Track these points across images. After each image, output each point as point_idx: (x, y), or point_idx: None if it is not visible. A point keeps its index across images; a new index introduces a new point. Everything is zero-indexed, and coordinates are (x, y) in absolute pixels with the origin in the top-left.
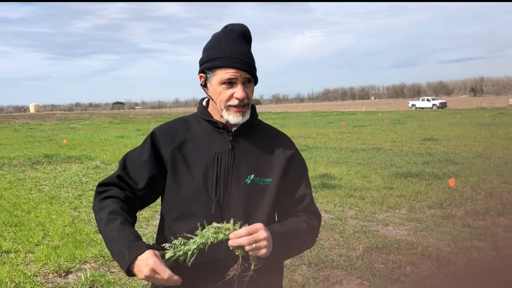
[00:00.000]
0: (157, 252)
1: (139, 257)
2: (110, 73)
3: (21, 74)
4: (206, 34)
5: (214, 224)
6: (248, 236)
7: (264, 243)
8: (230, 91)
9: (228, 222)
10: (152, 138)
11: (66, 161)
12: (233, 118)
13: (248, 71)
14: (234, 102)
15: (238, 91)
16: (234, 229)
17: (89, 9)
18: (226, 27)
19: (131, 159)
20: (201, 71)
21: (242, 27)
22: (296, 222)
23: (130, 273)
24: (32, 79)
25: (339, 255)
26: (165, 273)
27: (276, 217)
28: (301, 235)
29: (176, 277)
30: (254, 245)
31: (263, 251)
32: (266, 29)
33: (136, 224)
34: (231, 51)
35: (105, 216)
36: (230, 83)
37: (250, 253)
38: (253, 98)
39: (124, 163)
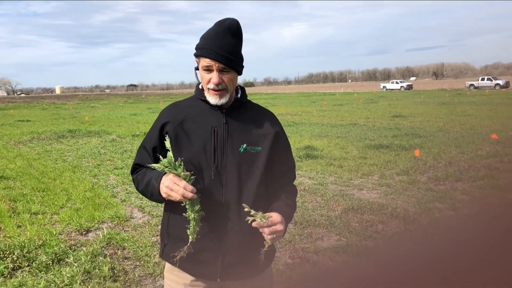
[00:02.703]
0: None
1: (163, 178)
2: (125, 60)
3: (48, 60)
4: (208, 25)
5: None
6: (270, 227)
7: (280, 234)
8: (208, 76)
9: (225, 186)
10: (159, 121)
11: (87, 135)
12: (212, 99)
13: (221, 62)
14: (211, 85)
15: (213, 77)
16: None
17: (108, 4)
18: (220, 20)
19: (143, 147)
20: (195, 56)
21: (230, 22)
22: (291, 203)
23: (161, 196)
24: (58, 65)
25: (320, 215)
26: (181, 182)
27: (266, 184)
28: (291, 215)
29: (191, 187)
30: (274, 235)
31: (278, 239)
32: (260, 22)
33: None
34: (211, 43)
35: (139, 177)
36: (208, 70)
37: (269, 242)
38: (247, 81)
39: (138, 152)
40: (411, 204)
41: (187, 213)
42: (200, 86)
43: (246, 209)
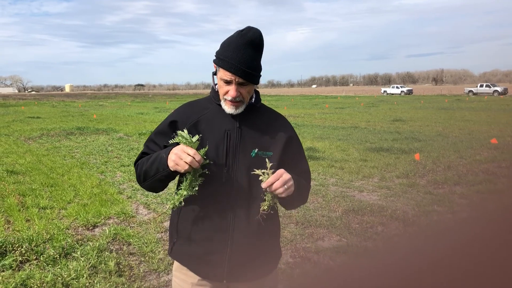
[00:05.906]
0: None
1: (174, 148)
2: (133, 60)
3: (59, 59)
4: (215, 28)
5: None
6: (279, 180)
7: (291, 181)
8: (227, 88)
9: (235, 189)
10: (169, 118)
11: (95, 132)
12: (228, 109)
13: (241, 76)
14: (228, 97)
15: (231, 91)
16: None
17: (118, 5)
18: (242, 30)
19: (152, 140)
20: (214, 62)
21: (253, 34)
22: (304, 181)
23: (166, 170)
24: (68, 64)
25: (321, 215)
26: (191, 151)
27: None
28: (303, 187)
29: (200, 157)
30: (285, 185)
31: (291, 189)
32: (264, 26)
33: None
34: (233, 56)
35: (144, 159)
36: (227, 82)
37: (283, 194)
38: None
39: (146, 145)
40: (411, 207)
41: (186, 175)
42: (215, 88)
43: (256, 172)
